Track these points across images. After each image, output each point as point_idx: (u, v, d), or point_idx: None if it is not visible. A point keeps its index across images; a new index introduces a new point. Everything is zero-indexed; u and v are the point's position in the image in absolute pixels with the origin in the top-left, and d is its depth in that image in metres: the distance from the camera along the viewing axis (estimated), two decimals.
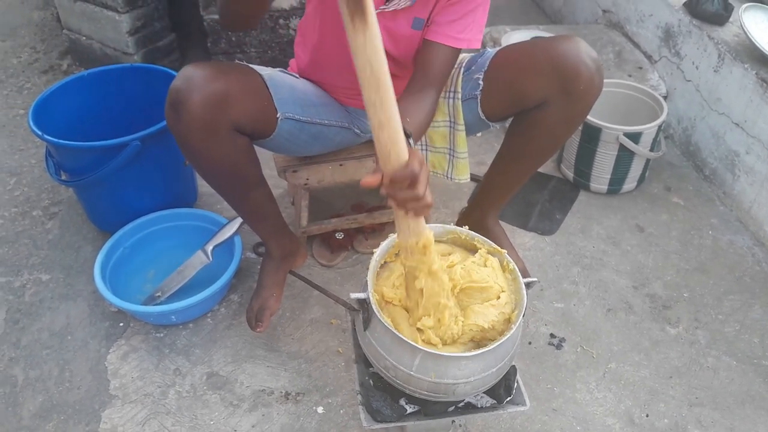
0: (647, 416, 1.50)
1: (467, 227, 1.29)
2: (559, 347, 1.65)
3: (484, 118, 1.49)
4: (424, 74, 1.35)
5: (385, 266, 1.26)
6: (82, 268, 1.84)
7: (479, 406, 1.23)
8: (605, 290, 1.81)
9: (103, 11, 2.46)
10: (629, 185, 2.13)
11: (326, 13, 1.37)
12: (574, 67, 1.32)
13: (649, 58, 2.48)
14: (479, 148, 2.29)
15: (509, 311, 1.16)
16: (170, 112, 1.23)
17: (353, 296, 1.16)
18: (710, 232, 2.01)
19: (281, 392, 1.53)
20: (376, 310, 1.12)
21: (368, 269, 1.19)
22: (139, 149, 1.66)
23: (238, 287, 1.79)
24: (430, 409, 1.20)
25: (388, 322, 1.11)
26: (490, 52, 1.49)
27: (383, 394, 1.21)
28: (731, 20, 2.16)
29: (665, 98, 2.29)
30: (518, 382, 1.24)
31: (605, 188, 2.12)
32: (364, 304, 1.16)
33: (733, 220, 2.06)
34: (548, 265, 1.88)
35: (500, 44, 2.42)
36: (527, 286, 1.20)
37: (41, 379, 1.56)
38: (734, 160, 2.06)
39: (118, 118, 1.96)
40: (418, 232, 1.08)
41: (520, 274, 1.21)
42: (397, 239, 1.15)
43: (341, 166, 1.66)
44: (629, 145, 1.99)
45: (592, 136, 2.03)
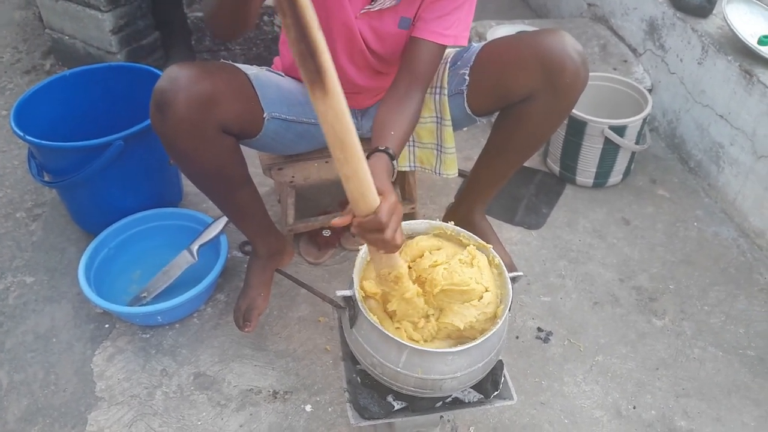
0: (634, 408, 1.51)
1: (453, 223, 1.29)
2: (546, 341, 1.65)
3: (470, 113, 1.49)
4: (410, 72, 1.34)
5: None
6: (66, 269, 1.82)
7: (467, 401, 1.23)
8: (592, 283, 1.82)
9: (85, 10, 2.43)
10: (615, 178, 2.14)
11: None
12: (559, 60, 1.32)
13: (633, 51, 2.49)
14: (466, 143, 2.29)
15: (492, 310, 1.15)
16: (155, 113, 1.22)
17: (339, 294, 1.15)
18: (695, 224, 2.02)
19: (269, 391, 1.53)
20: (362, 307, 1.11)
21: (354, 266, 1.19)
22: (122, 149, 1.65)
23: (224, 286, 1.78)
24: (417, 405, 1.20)
25: (374, 319, 1.11)
26: (475, 46, 1.49)
27: (371, 391, 1.20)
28: (714, 12, 2.17)
29: (650, 91, 2.30)
30: (505, 376, 1.24)
31: (591, 182, 2.13)
32: (350, 301, 1.16)
33: (717, 211, 2.07)
34: (535, 259, 1.89)
35: (486, 39, 2.42)
36: (513, 280, 1.19)
37: (26, 382, 1.55)
38: (719, 152, 2.07)
39: (101, 117, 1.94)
40: (390, 264, 1.08)
41: (505, 268, 1.21)
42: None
43: (327, 163, 1.65)
44: (614, 138, 1.99)
45: (577, 129, 2.04)
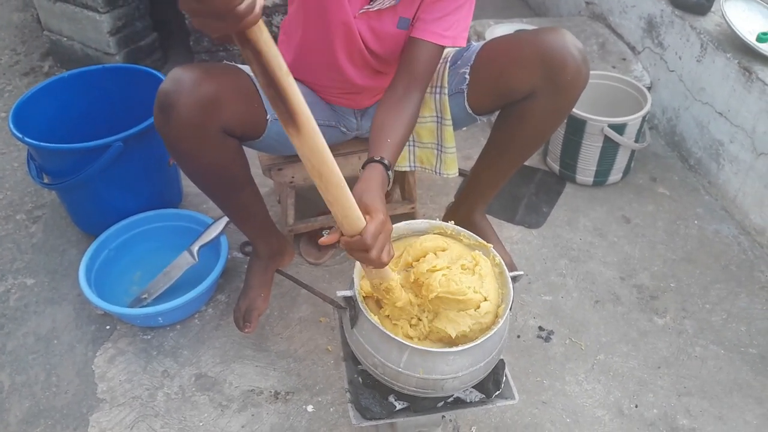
0: (636, 407, 1.51)
1: (453, 222, 1.29)
2: (547, 340, 1.65)
3: (470, 111, 1.48)
4: (408, 72, 1.34)
5: None
6: (67, 271, 1.82)
7: (468, 400, 1.23)
8: (593, 282, 1.81)
9: (83, 11, 2.43)
10: (615, 177, 2.14)
11: (309, 13, 1.36)
12: (560, 58, 1.32)
13: (632, 49, 2.49)
14: (465, 142, 2.29)
15: (489, 320, 1.13)
16: (159, 114, 1.21)
17: (340, 294, 1.15)
18: (696, 221, 2.02)
19: (270, 392, 1.53)
20: (362, 307, 1.11)
21: (355, 266, 1.18)
22: (121, 150, 1.65)
23: (225, 287, 1.78)
24: (419, 405, 1.20)
25: (375, 319, 1.10)
26: (475, 45, 1.48)
27: (372, 391, 1.20)
28: (713, 10, 2.17)
29: (649, 89, 2.30)
30: (507, 375, 1.24)
31: (591, 180, 2.13)
32: (350, 301, 1.15)
33: (718, 209, 2.07)
34: (535, 258, 1.89)
35: (484, 38, 2.42)
36: (514, 279, 1.19)
37: (28, 384, 1.55)
38: (718, 149, 2.07)
39: (100, 119, 1.94)
40: (380, 276, 1.08)
41: (506, 267, 1.21)
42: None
43: None
44: (614, 136, 1.99)
45: (577, 128, 2.04)
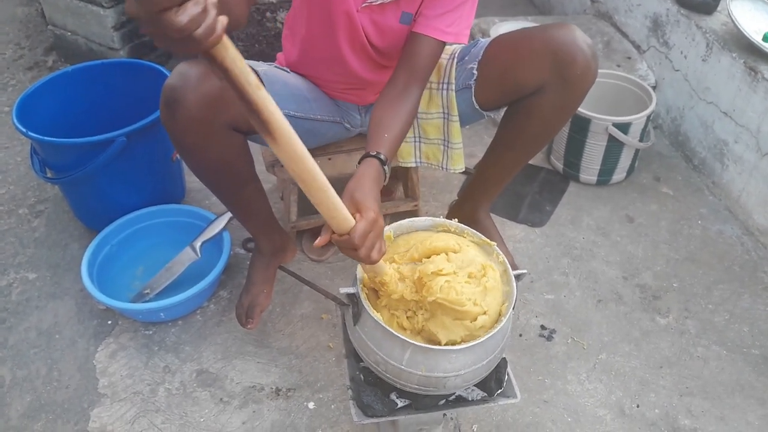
0: (638, 407, 1.51)
1: (456, 220, 1.28)
2: (549, 339, 1.65)
3: (478, 107, 1.48)
4: (409, 67, 1.34)
5: None
6: (69, 266, 1.82)
7: (470, 399, 1.23)
8: (595, 281, 1.81)
9: (87, 6, 2.43)
10: (619, 176, 2.13)
11: (313, 7, 1.35)
12: (570, 53, 1.32)
13: (637, 48, 2.48)
14: (469, 140, 2.28)
15: (483, 334, 1.10)
16: (165, 110, 1.21)
17: (342, 291, 1.15)
18: (699, 221, 2.02)
19: (272, 388, 1.53)
20: (365, 304, 1.11)
21: (358, 263, 1.18)
22: (125, 145, 1.64)
23: (227, 283, 1.78)
24: (421, 402, 1.20)
25: (378, 316, 1.10)
26: (483, 41, 1.48)
27: (374, 388, 1.20)
28: (719, 9, 2.16)
29: (654, 88, 2.29)
30: (509, 374, 1.24)
31: (595, 179, 2.12)
32: (353, 298, 1.15)
33: (722, 209, 2.06)
34: (538, 256, 1.88)
35: (489, 35, 2.41)
36: (517, 278, 1.19)
37: (29, 378, 1.55)
38: (723, 149, 2.06)
39: (103, 114, 1.94)
40: (374, 270, 1.09)
41: (509, 266, 1.20)
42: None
43: (330, 160, 1.65)
44: (618, 135, 1.98)
45: (581, 126, 2.03)
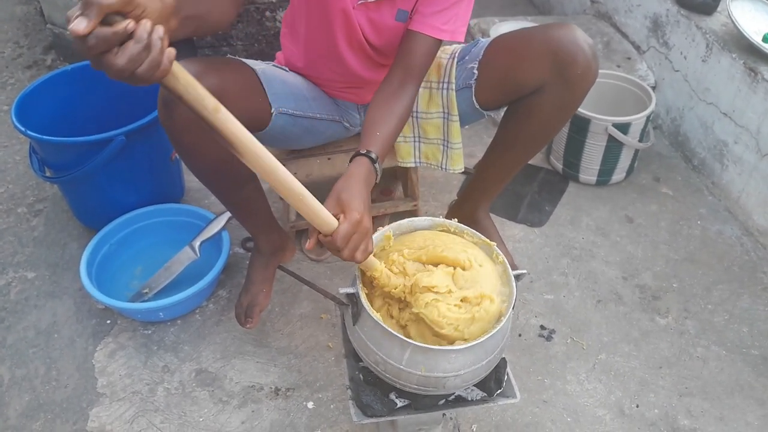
0: (637, 407, 1.50)
1: (456, 220, 1.28)
2: (549, 339, 1.65)
3: (478, 106, 1.48)
4: (404, 65, 1.33)
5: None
6: (68, 265, 1.82)
7: (470, 399, 1.22)
8: (595, 281, 1.81)
9: None
10: (618, 176, 2.13)
11: (311, 6, 1.35)
12: (570, 53, 1.32)
13: (637, 48, 2.48)
14: (468, 140, 2.28)
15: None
16: (162, 109, 1.21)
17: (342, 291, 1.15)
18: (699, 222, 2.02)
19: (271, 388, 1.52)
20: (365, 304, 1.11)
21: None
22: (123, 144, 1.64)
23: (226, 283, 1.77)
24: (420, 402, 1.19)
25: (377, 316, 1.10)
26: (484, 41, 1.48)
27: (373, 388, 1.20)
28: (719, 10, 2.16)
29: (654, 88, 2.29)
30: (508, 374, 1.24)
31: (594, 179, 2.12)
32: (353, 298, 1.15)
33: (721, 209, 2.06)
34: (538, 256, 1.88)
35: (489, 35, 2.41)
36: (516, 278, 1.19)
37: (28, 377, 1.55)
38: (722, 150, 2.06)
39: (103, 113, 1.94)
40: (365, 265, 1.12)
41: (509, 266, 1.20)
42: None
43: (329, 159, 1.65)
44: (618, 135, 1.98)
45: (581, 127, 2.03)
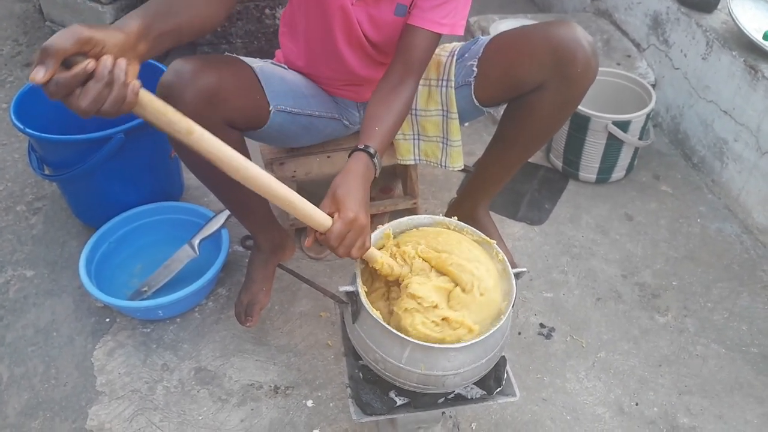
0: (637, 405, 1.50)
1: (456, 218, 1.28)
2: (548, 337, 1.65)
3: (477, 104, 1.48)
4: (404, 60, 1.33)
5: None
6: (67, 263, 1.82)
7: (469, 397, 1.22)
8: (594, 279, 1.81)
9: (86, 2, 2.42)
10: (618, 174, 2.13)
11: (310, 4, 1.35)
12: (571, 50, 1.32)
13: (637, 46, 2.47)
14: (468, 138, 2.27)
15: None
16: None
17: (342, 289, 1.15)
18: (699, 220, 2.02)
19: (270, 386, 1.52)
20: (364, 302, 1.11)
21: (356, 261, 1.18)
22: (122, 142, 1.64)
23: (225, 281, 1.77)
24: (420, 401, 1.19)
25: (377, 314, 1.10)
26: (483, 39, 1.48)
27: (373, 386, 1.20)
28: (719, 7, 2.15)
29: (654, 86, 2.29)
30: (508, 372, 1.24)
31: (594, 177, 2.12)
32: (352, 296, 1.15)
33: (721, 207, 2.06)
34: (537, 254, 1.88)
35: (488, 33, 2.41)
36: (516, 276, 1.19)
37: (26, 376, 1.55)
38: (722, 147, 2.06)
39: None
40: (366, 257, 1.14)
41: (509, 264, 1.20)
42: None
43: (329, 158, 1.64)
44: (618, 133, 1.98)
45: (580, 125, 2.03)
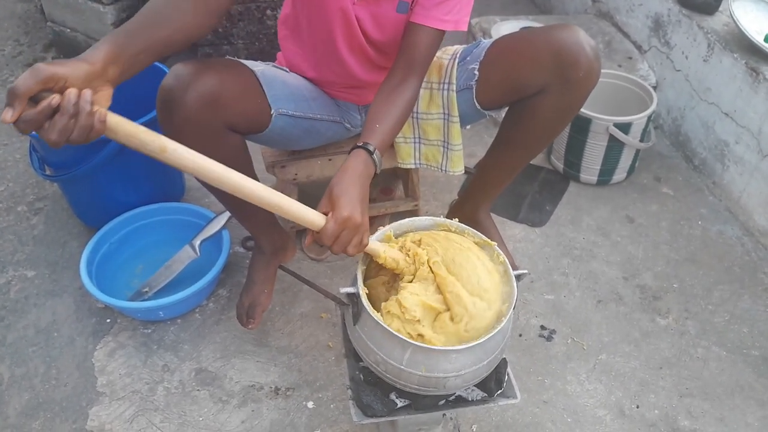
0: (638, 407, 1.50)
1: (457, 220, 1.28)
2: (549, 339, 1.65)
3: (479, 107, 1.48)
4: (407, 59, 1.33)
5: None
6: (68, 263, 1.82)
7: (470, 399, 1.22)
8: (595, 281, 1.81)
9: (87, 3, 2.42)
10: (619, 176, 2.13)
11: (311, 8, 1.35)
12: (573, 54, 1.32)
13: (638, 48, 2.47)
14: (469, 140, 2.28)
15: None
16: (162, 111, 1.21)
17: (342, 290, 1.15)
18: (700, 222, 2.01)
19: (271, 387, 1.52)
20: (365, 304, 1.11)
21: (357, 262, 1.18)
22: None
23: (226, 282, 1.77)
24: (420, 403, 1.19)
25: (377, 316, 1.10)
26: (485, 42, 1.48)
27: (374, 388, 1.20)
28: (720, 9, 2.15)
29: (655, 88, 2.29)
30: (509, 374, 1.24)
31: (595, 179, 2.12)
32: (353, 298, 1.15)
33: (722, 210, 2.06)
34: (538, 256, 1.88)
35: (490, 35, 2.41)
36: (517, 278, 1.19)
37: (27, 376, 1.55)
38: (723, 150, 2.06)
39: None
40: (367, 252, 1.16)
41: (510, 266, 1.20)
42: None
43: (330, 160, 1.64)
44: (619, 135, 1.98)
45: (582, 126, 2.03)
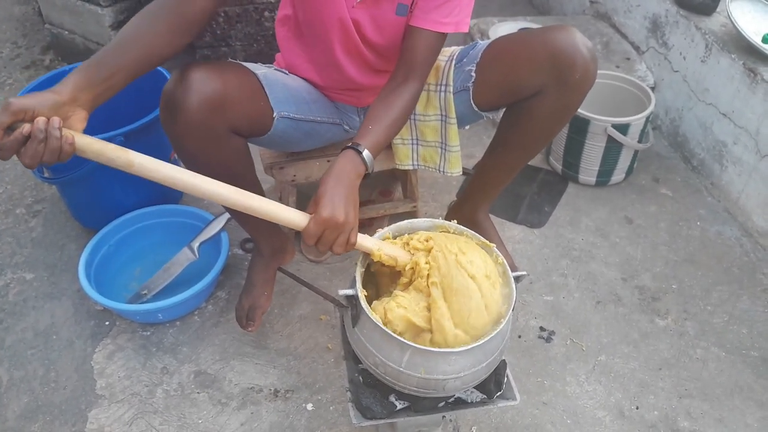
0: (637, 408, 1.50)
1: (456, 221, 1.28)
2: (548, 340, 1.65)
3: (476, 109, 1.48)
4: (407, 63, 1.33)
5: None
6: (66, 266, 1.81)
7: (469, 401, 1.22)
8: (594, 282, 1.81)
9: (85, 5, 2.42)
10: (618, 177, 2.13)
11: (310, 13, 1.35)
12: (570, 56, 1.32)
13: (636, 48, 2.48)
14: (468, 141, 2.28)
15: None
16: (165, 114, 1.21)
17: (341, 293, 1.15)
18: (698, 223, 2.02)
19: (270, 390, 1.52)
20: (364, 306, 1.11)
21: (356, 264, 1.18)
22: (122, 145, 1.63)
23: (225, 284, 1.77)
24: (420, 405, 1.19)
25: (376, 318, 1.10)
26: (482, 44, 1.48)
27: (373, 390, 1.20)
28: (718, 10, 2.16)
29: (653, 89, 2.29)
30: (508, 376, 1.24)
31: (594, 180, 2.12)
32: (352, 300, 1.15)
33: (721, 210, 2.06)
34: (537, 258, 1.88)
35: (488, 36, 2.41)
36: (516, 279, 1.19)
37: (26, 379, 1.54)
38: (722, 150, 2.06)
39: (101, 113, 1.89)
40: (358, 247, 1.16)
41: (509, 267, 1.20)
42: None
43: (328, 162, 1.64)
44: (617, 136, 1.98)
45: (580, 127, 2.03)
